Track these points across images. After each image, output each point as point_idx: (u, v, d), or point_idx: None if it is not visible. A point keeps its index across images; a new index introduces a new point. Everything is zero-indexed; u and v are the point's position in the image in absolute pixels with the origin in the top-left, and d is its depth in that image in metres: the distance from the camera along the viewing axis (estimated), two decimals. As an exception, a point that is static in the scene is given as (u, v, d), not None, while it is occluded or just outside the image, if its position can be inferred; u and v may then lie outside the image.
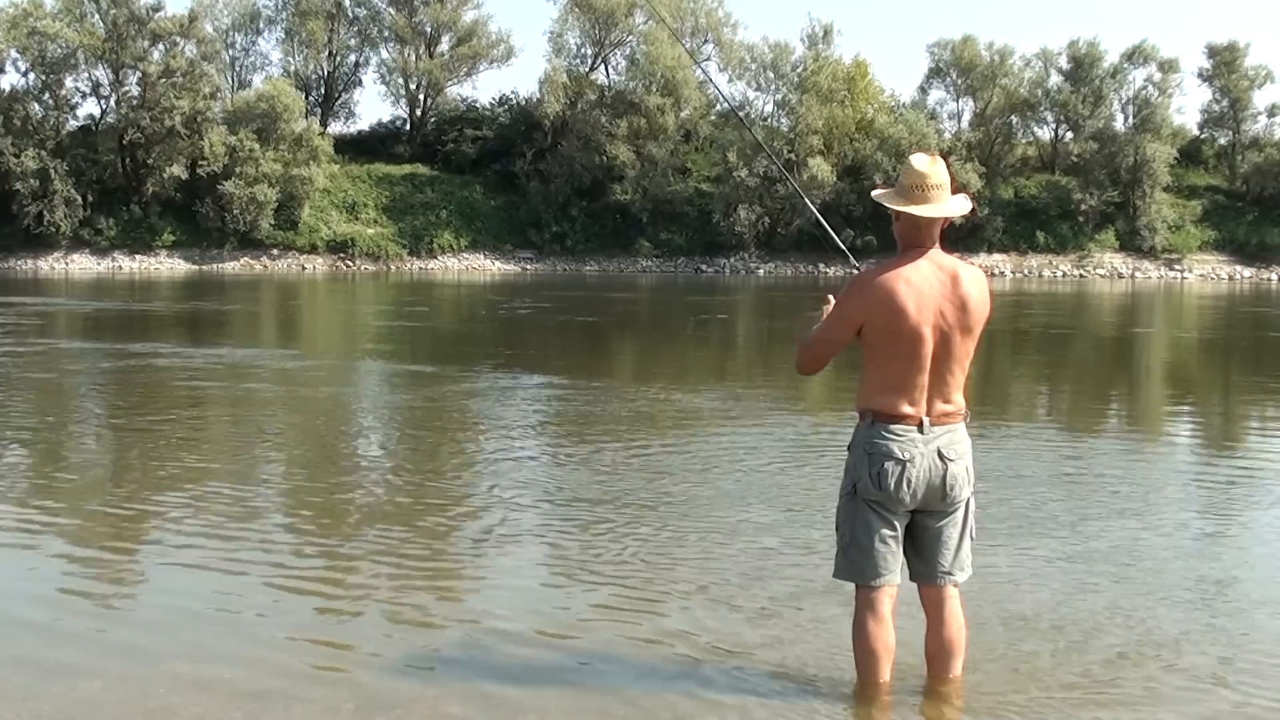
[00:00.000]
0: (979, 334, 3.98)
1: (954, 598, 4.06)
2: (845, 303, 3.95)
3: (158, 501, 7.07)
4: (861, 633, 4.00)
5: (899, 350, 3.85)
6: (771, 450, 8.81)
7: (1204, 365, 18.09)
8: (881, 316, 3.84)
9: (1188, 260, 60.80)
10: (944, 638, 4.08)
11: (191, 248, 55.63)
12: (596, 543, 6.11)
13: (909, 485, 3.88)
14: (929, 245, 3.95)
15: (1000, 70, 63.70)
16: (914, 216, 3.91)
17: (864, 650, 4.00)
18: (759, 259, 59.39)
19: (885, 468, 3.87)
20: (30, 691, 4.13)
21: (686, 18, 66.05)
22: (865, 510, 3.93)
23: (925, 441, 3.88)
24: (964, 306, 3.90)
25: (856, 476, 3.94)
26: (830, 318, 4.01)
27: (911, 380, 3.87)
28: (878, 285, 3.86)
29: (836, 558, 4.07)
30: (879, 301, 3.85)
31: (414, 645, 4.62)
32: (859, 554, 3.95)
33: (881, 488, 3.88)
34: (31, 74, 56.06)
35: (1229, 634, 4.79)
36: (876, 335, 3.88)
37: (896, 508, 3.92)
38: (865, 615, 3.98)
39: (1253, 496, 7.54)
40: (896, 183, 3.99)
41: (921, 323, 3.84)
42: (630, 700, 4.09)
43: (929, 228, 3.94)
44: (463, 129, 63.89)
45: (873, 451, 3.90)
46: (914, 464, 3.87)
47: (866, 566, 3.95)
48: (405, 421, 10.59)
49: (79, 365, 14.88)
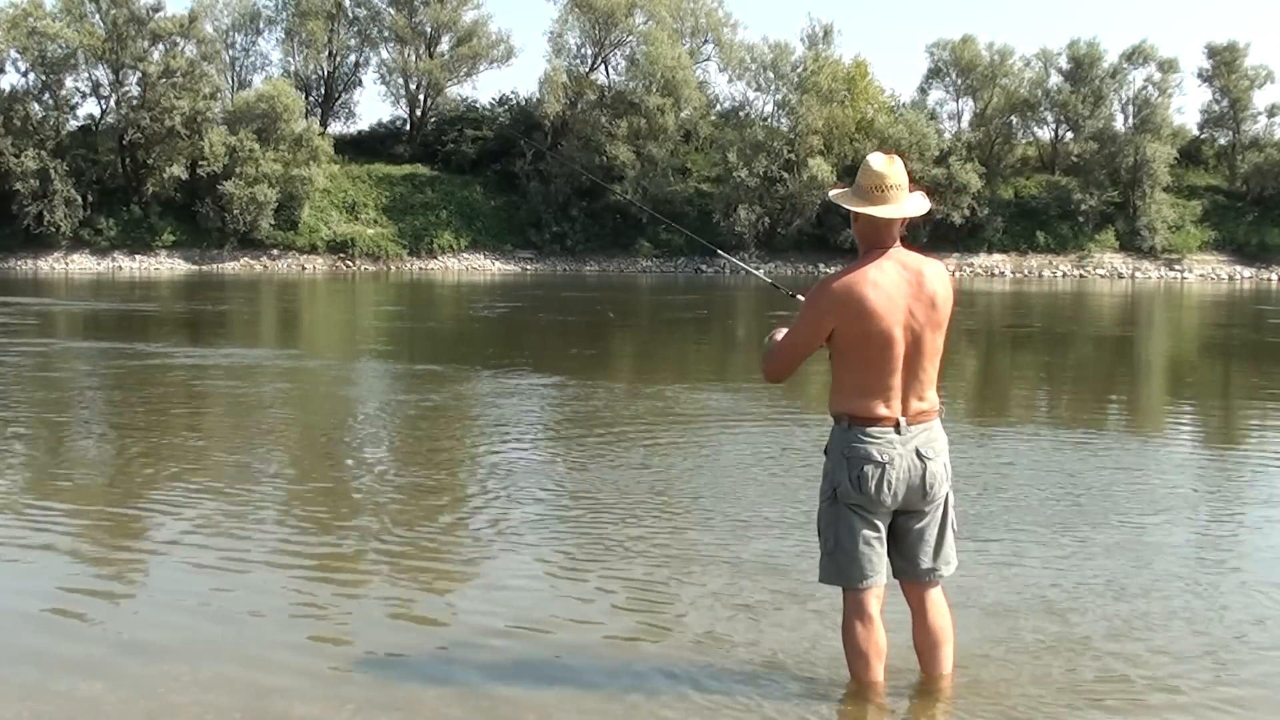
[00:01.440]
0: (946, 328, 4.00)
1: (937, 588, 4.09)
2: (813, 308, 3.92)
3: (158, 501, 7.07)
4: (851, 636, 4.00)
5: (871, 353, 3.85)
6: (772, 448, 8.82)
7: (1204, 365, 18.09)
8: (852, 320, 3.83)
9: (1188, 260, 60.78)
10: (933, 628, 4.09)
11: (191, 248, 55.61)
12: (598, 542, 6.12)
13: (889, 487, 3.88)
14: (890, 244, 3.94)
15: (1000, 70, 63.68)
16: (873, 217, 3.90)
17: (856, 653, 4.01)
18: (759, 259, 59.35)
19: (865, 471, 3.87)
20: (31, 691, 4.13)
21: (686, 18, 66.09)
22: (847, 514, 3.93)
23: (903, 442, 3.89)
24: (932, 303, 3.91)
25: (836, 481, 3.94)
26: (799, 324, 3.96)
27: (886, 381, 3.87)
28: (846, 289, 3.85)
29: (821, 562, 4.06)
30: (848, 305, 3.83)
31: (414, 645, 4.63)
32: (844, 558, 3.95)
33: (862, 491, 3.88)
34: (31, 74, 56.08)
35: (1229, 633, 4.80)
36: (848, 339, 3.86)
37: (878, 510, 3.92)
38: (853, 618, 3.98)
39: (1252, 495, 7.55)
40: (854, 183, 3.97)
41: (893, 324, 3.84)
42: (631, 701, 4.09)
43: (889, 228, 3.92)
44: (463, 129, 63.90)
45: (851, 455, 3.89)
46: (893, 465, 3.87)
47: (852, 570, 3.95)
48: (394, 420, 10.59)
49: (79, 365, 14.88)
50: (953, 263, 58.72)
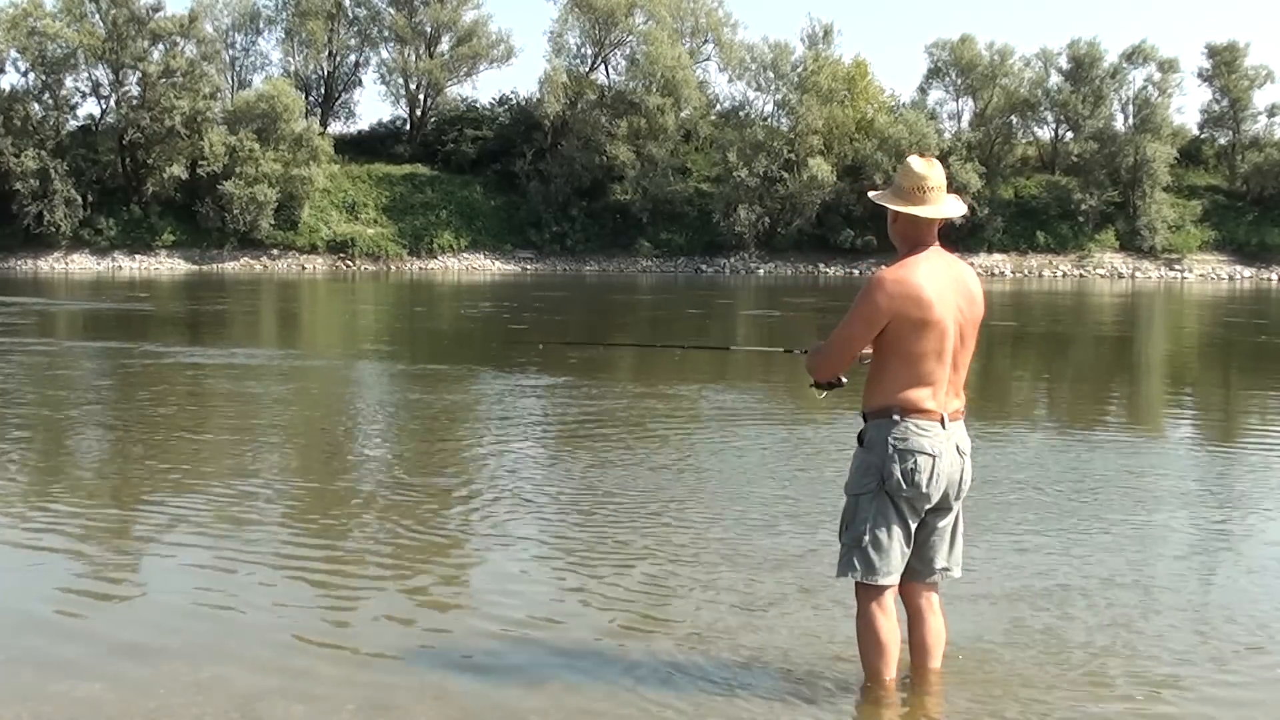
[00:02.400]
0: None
1: (937, 590, 4.13)
2: (870, 300, 3.90)
3: (158, 501, 7.06)
4: (873, 630, 3.99)
5: (927, 344, 3.88)
6: (768, 441, 8.81)
7: (1203, 366, 18.10)
8: (911, 309, 3.85)
9: (1188, 260, 60.78)
10: (935, 629, 4.14)
11: (191, 248, 55.63)
12: (598, 542, 6.11)
13: (938, 480, 3.91)
14: (930, 244, 4.00)
15: (1000, 70, 63.69)
16: (915, 217, 3.94)
17: (877, 647, 4.00)
18: (759, 259, 59.38)
19: (918, 462, 3.87)
20: (31, 692, 4.13)
21: (686, 18, 66.09)
22: (891, 508, 3.92)
23: (947, 436, 3.93)
24: (973, 301, 4.01)
25: (886, 473, 3.89)
26: (855, 318, 3.93)
27: (936, 375, 3.91)
28: (903, 280, 3.88)
29: (846, 556, 4.01)
30: (908, 295, 3.86)
31: (415, 646, 4.62)
32: (877, 552, 3.93)
33: (913, 484, 3.88)
34: (31, 74, 56.12)
35: (1228, 632, 4.79)
36: (904, 330, 3.87)
37: (923, 504, 3.94)
38: (875, 612, 3.98)
39: (1252, 492, 7.55)
40: (894, 185, 4.02)
41: (945, 316, 3.90)
42: (632, 701, 4.08)
43: (930, 227, 3.99)
44: (463, 129, 63.90)
45: (903, 447, 3.88)
46: (941, 459, 3.90)
47: (881, 564, 3.94)
48: (393, 420, 10.59)
49: (79, 365, 14.88)
50: (953, 263, 58.69)
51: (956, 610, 4.77)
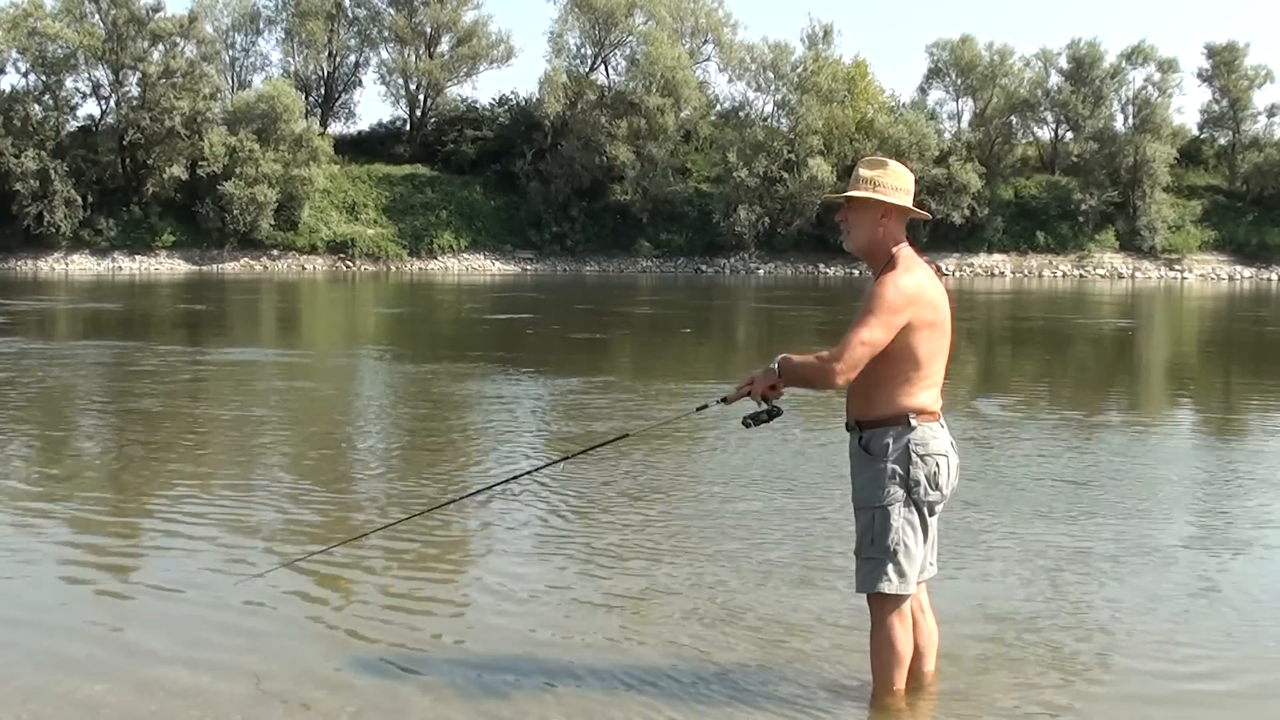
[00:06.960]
0: None
1: (926, 589, 4.13)
2: (888, 304, 3.77)
3: (158, 501, 7.07)
4: (892, 641, 3.90)
5: (935, 345, 3.87)
6: (769, 441, 8.82)
7: (1204, 367, 18.10)
8: (927, 311, 3.83)
9: (1188, 260, 60.81)
10: (931, 626, 4.14)
11: (191, 248, 55.62)
12: (599, 542, 6.11)
13: (952, 481, 3.91)
14: (904, 243, 3.98)
15: (1000, 70, 63.74)
16: (902, 218, 3.96)
17: (895, 658, 3.92)
18: (759, 259, 59.39)
19: (939, 465, 3.85)
20: (31, 693, 4.13)
21: (686, 18, 66.09)
22: (918, 515, 3.86)
23: (948, 436, 3.94)
24: (948, 300, 3.99)
25: (913, 481, 3.81)
26: (875, 322, 3.76)
27: (938, 376, 3.91)
28: (917, 282, 3.85)
29: (875, 570, 3.84)
30: (924, 297, 3.84)
31: (415, 647, 4.62)
32: (908, 562, 3.83)
33: (938, 487, 3.86)
34: (31, 74, 56.13)
35: (1227, 631, 4.80)
36: (918, 332, 3.81)
37: (940, 507, 3.93)
38: (895, 623, 3.89)
39: (1251, 491, 7.55)
40: (885, 185, 3.90)
41: (948, 316, 3.92)
42: (633, 702, 4.08)
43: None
44: (463, 129, 63.90)
45: (925, 452, 3.82)
46: (950, 459, 3.90)
47: (912, 573, 3.86)
48: (393, 420, 10.59)
49: (80, 364, 14.88)
50: (953, 263, 58.78)
51: (957, 610, 4.77)
